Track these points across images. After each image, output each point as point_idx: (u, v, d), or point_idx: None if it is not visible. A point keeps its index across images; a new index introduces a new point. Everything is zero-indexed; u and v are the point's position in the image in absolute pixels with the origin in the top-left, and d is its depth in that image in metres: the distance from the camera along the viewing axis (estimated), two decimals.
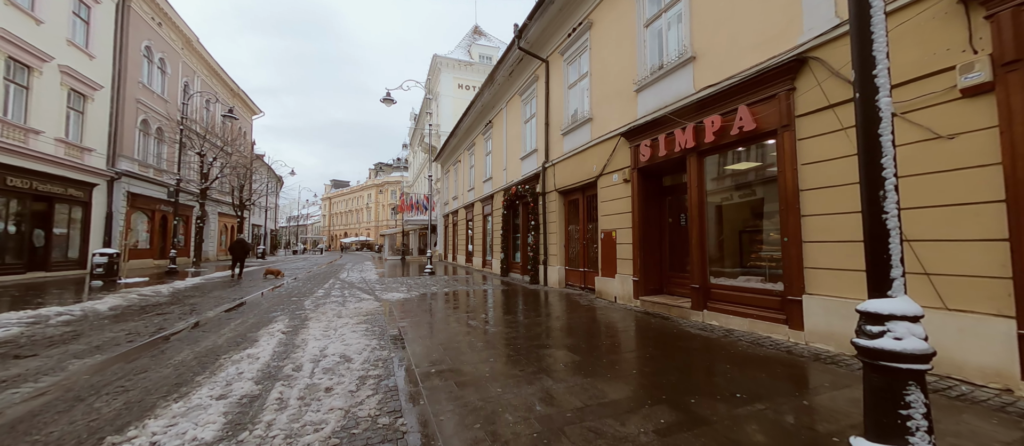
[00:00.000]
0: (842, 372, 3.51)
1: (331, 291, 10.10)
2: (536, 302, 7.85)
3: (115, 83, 16.76)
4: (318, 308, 7.47)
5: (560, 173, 9.94)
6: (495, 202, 15.24)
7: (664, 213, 7.08)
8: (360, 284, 11.77)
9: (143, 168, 18.69)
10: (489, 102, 15.76)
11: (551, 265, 10.37)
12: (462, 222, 21.21)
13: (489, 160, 16.71)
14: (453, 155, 23.97)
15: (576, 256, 9.67)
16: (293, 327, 5.78)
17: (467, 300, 8.35)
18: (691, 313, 5.71)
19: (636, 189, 6.95)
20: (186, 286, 11.31)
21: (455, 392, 3.19)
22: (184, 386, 3.44)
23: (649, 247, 6.92)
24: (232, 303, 8.28)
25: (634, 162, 6.99)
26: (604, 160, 7.97)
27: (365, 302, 8.10)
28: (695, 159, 5.77)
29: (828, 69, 4.09)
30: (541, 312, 6.74)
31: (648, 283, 6.86)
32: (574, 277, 9.62)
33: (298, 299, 8.72)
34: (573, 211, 9.84)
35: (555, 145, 10.33)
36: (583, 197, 9.28)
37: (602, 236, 8.01)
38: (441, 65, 28.49)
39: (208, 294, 9.67)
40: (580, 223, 9.42)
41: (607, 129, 7.94)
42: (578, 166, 9.09)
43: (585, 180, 8.75)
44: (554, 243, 10.24)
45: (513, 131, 13.57)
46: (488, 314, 6.65)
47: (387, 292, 9.64)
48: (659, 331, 5.17)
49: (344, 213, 77.27)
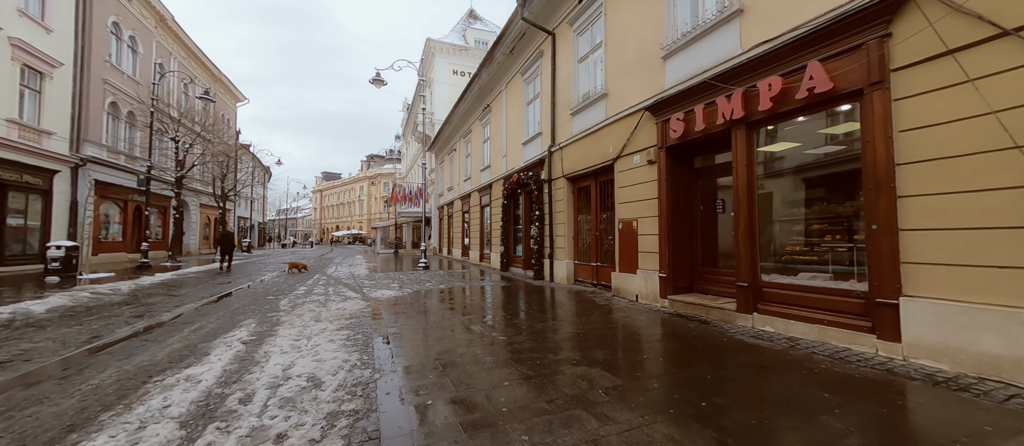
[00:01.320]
0: (990, 406, 2.60)
1: (314, 288, 9.06)
2: (546, 302, 6.91)
3: (78, 61, 15.35)
4: (295, 309, 6.45)
5: (569, 157, 8.96)
6: (494, 192, 14.24)
7: (695, 199, 6.14)
8: (347, 280, 10.75)
9: (113, 154, 17.33)
10: (487, 84, 14.67)
11: (558, 259, 9.43)
12: (458, 214, 20.18)
13: (487, 147, 15.67)
14: (448, 144, 22.86)
15: (587, 249, 8.73)
16: (258, 335, 4.76)
17: (466, 299, 7.38)
18: (737, 316, 4.80)
19: (664, 171, 6.00)
20: (152, 282, 10.19)
21: (464, 442, 2.23)
22: (75, 432, 2.44)
23: (679, 238, 5.99)
24: (198, 302, 7.23)
25: (662, 140, 6.03)
26: (623, 140, 7.00)
27: (350, 301, 7.10)
28: (743, 132, 4.82)
29: (947, 4, 3.14)
30: (554, 314, 5.80)
31: (677, 280, 5.94)
32: (585, 272, 8.69)
33: (276, 297, 7.68)
34: (584, 199, 8.89)
35: (563, 127, 9.34)
36: (596, 183, 8.32)
37: (620, 226, 7.07)
38: (435, 50, 27.20)
39: (175, 291, 8.58)
40: (592, 212, 8.47)
41: (626, 105, 6.96)
42: (590, 148, 8.12)
43: (599, 164, 7.78)
44: (562, 235, 9.29)
45: (514, 114, 12.53)
46: (492, 317, 5.69)
47: (376, 289, 8.64)
48: (705, 340, 4.25)
49: (335, 206, 75.64)
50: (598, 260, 8.22)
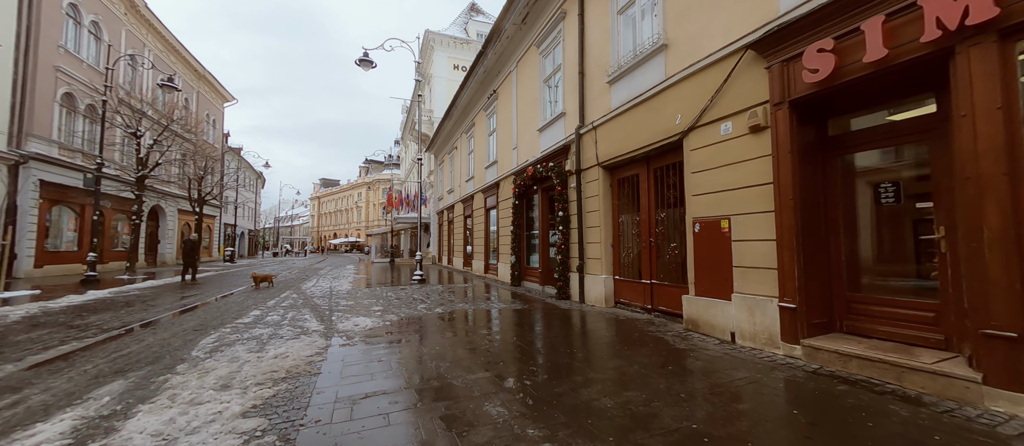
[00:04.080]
0: None
1: (270, 313, 6.83)
2: (590, 342, 4.68)
3: (20, 43, 13.34)
4: (214, 354, 4.23)
5: (606, 139, 6.80)
6: (502, 191, 12.06)
7: (833, 185, 3.94)
8: (321, 298, 8.52)
9: (68, 153, 15.24)
10: (493, 66, 12.58)
11: (591, 273, 7.20)
12: (459, 218, 17.99)
13: (492, 141, 13.53)
14: (448, 141, 20.75)
15: (634, 261, 6.51)
16: (90, 428, 2.55)
17: (471, 337, 5.15)
18: (988, 395, 2.57)
19: (788, 140, 3.80)
20: (70, 304, 8.00)
21: None
22: None
23: (813, 247, 3.78)
24: (91, 338, 5.01)
25: (782, 91, 3.84)
26: (699, 104, 4.83)
27: (303, 341, 4.86)
28: (990, 49, 2.62)
29: None
30: (620, 376, 3.56)
31: (813, 313, 3.71)
32: (632, 292, 6.46)
33: (204, 330, 5.46)
34: (628, 193, 6.69)
35: (596, 101, 7.18)
36: (648, 170, 6.13)
37: (696, 228, 4.86)
38: (434, 43, 25.25)
39: (81, 318, 6.36)
40: (643, 210, 6.27)
41: (704, 52, 4.80)
42: (639, 124, 5.96)
43: (655, 143, 5.61)
44: (596, 241, 7.07)
45: (527, 97, 10.40)
46: (516, 374, 3.46)
47: (351, 316, 6.40)
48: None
49: (333, 213, 73.61)
50: (653, 276, 5.99)
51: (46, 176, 14.17)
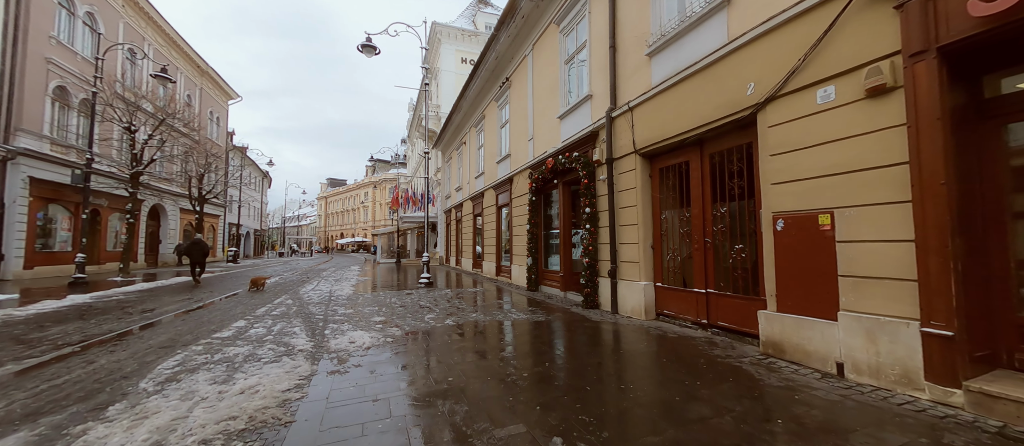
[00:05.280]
0: None
1: (256, 323, 5.91)
2: (650, 374, 3.65)
3: (7, 32, 12.66)
4: (166, 387, 3.31)
5: (645, 122, 5.77)
6: (516, 187, 11.07)
7: (993, 165, 2.89)
8: (316, 306, 7.61)
9: (61, 149, 14.58)
10: (506, 51, 11.60)
11: (626, 279, 6.18)
12: (468, 217, 17.04)
13: (505, 133, 12.55)
14: (456, 137, 19.83)
15: (680, 265, 5.48)
16: None
17: (495, 359, 4.15)
18: None
19: (930, 103, 2.76)
20: (50, 309, 7.22)
21: None
22: None
23: (971, 251, 2.74)
24: (39, 357, 4.11)
25: (925, 36, 2.78)
26: (782, 66, 3.79)
27: (284, 365, 3.91)
28: None
29: None
30: (712, 435, 2.55)
31: (976, 341, 2.67)
32: (679, 302, 5.42)
33: (170, 348, 4.53)
34: (674, 184, 5.65)
35: (631, 78, 6.16)
36: (702, 156, 5.09)
37: (778, 226, 3.82)
38: (441, 35, 24.34)
39: (48, 328, 5.50)
40: (694, 204, 5.23)
41: (789, 1, 3.76)
42: (690, 100, 4.93)
43: (713, 122, 4.58)
44: (633, 241, 6.05)
45: (545, 82, 9.40)
46: (564, 426, 2.45)
47: (348, 328, 5.45)
48: None
49: (340, 213, 73.23)
50: (709, 285, 4.95)
51: (36, 173, 13.49)
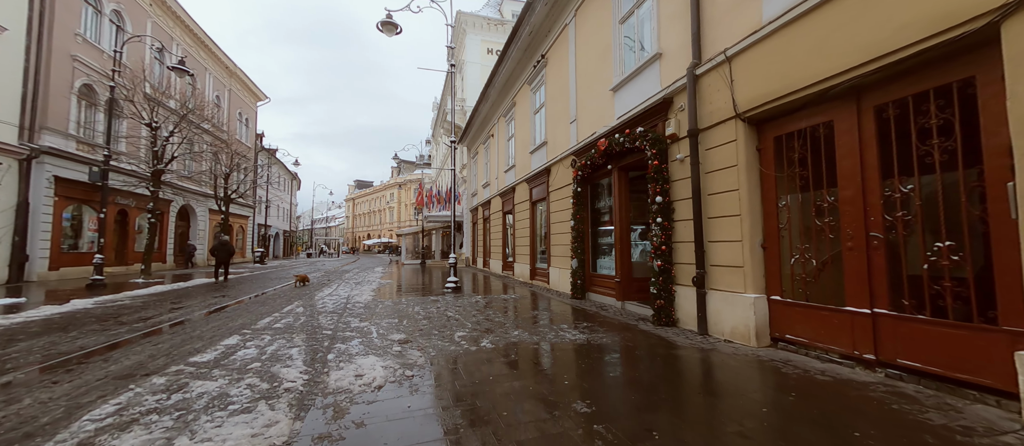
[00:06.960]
0: None
1: (249, 342, 4.74)
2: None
3: (32, 29, 12.42)
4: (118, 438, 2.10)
5: (752, 74, 4.21)
6: (554, 178, 9.63)
7: None
8: (329, 315, 6.46)
9: (87, 148, 14.38)
10: (541, 24, 10.17)
11: (721, 288, 4.61)
12: (497, 215, 15.73)
13: (540, 119, 11.14)
14: (483, 129, 18.58)
15: (813, 273, 3.88)
16: None
17: (563, 415, 2.71)
18: None
19: None
20: (42, 317, 6.43)
21: None
22: None
23: None
24: None
25: None
26: None
27: (256, 419, 2.63)
28: None
29: None
30: None
31: None
32: (816, 326, 3.81)
33: (129, 378, 3.38)
34: (801, 158, 4.04)
35: (726, 17, 4.60)
36: (859, 112, 3.46)
37: None
38: (466, 25, 23.23)
39: (18, 342, 4.57)
40: (844, 183, 3.60)
41: None
42: (843, 27, 3.33)
43: (905, 48, 2.98)
44: (731, 239, 4.48)
45: (594, 50, 7.91)
46: None
47: (357, 348, 4.17)
48: None
49: (367, 214, 74.06)
50: (877, 301, 3.33)
51: (62, 172, 13.25)
